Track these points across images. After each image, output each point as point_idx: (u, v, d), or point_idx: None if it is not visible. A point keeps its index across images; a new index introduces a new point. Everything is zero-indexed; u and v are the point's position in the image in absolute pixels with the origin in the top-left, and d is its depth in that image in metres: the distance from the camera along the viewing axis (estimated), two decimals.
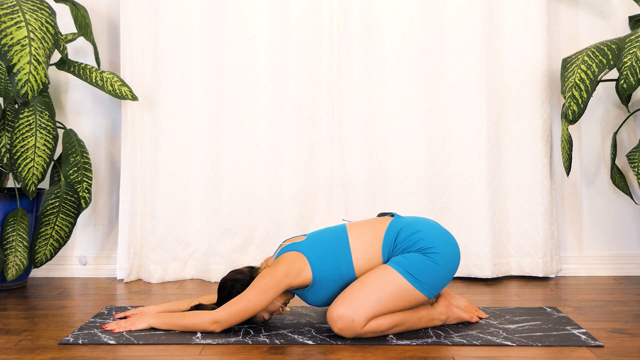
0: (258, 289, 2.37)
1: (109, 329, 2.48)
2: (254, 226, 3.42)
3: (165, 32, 3.40)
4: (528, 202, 3.37)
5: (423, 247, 2.39)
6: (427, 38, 3.36)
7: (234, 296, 2.43)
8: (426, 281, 2.37)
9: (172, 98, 3.42)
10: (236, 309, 2.38)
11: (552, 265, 3.37)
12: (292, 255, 2.43)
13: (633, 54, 2.99)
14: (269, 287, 2.36)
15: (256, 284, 2.38)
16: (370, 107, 3.38)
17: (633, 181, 3.44)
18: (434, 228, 2.47)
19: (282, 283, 2.37)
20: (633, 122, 3.48)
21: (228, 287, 2.47)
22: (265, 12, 3.38)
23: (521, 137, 3.38)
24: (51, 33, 2.88)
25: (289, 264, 2.40)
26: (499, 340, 2.34)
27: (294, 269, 2.39)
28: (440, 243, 2.42)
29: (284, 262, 2.41)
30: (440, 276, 2.40)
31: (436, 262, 2.38)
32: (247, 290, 2.38)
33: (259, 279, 2.39)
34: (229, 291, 2.46)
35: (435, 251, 2.39)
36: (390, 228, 2.47)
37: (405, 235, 2.43)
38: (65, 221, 3.23)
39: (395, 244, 2.43)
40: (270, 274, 2.38)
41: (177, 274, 3.44)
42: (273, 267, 2.41)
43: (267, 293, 2.37)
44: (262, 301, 2.37)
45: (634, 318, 2.65)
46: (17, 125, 3.06)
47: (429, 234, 2.43)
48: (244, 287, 2.43)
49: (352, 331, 2.34)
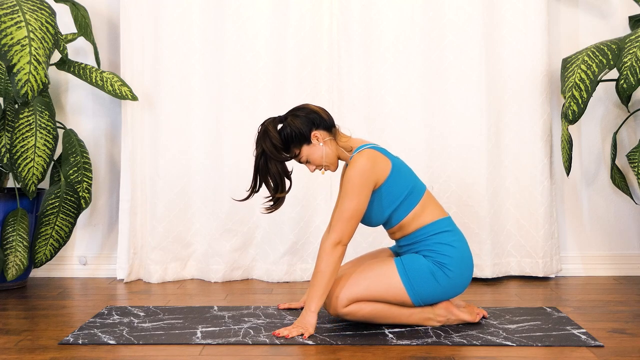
0: (350, 189, 2.42)
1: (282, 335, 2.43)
2: (254, 226, 3.42)
3: (165, 32, 3.40)
4: (528, 202, 3.37)
5: (442, 262, 2.46)
6: (427, 38, 3.36)
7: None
8: (420, 291, 2.44)
9: (172, 98, 3.42)
10: (345, 222, 2.42)
11: (552, 265, 3.37)
12: (372, 151, 2.49)
13: (633, 54, 2.99)
14: (358, 186, 2.41)
15: (347, 191, 2.42)
16: (370, 107, 3.38)
17: (633, 181, 3.44)
18: (465, 252, 2.52)
19: (370, 176, 2.43)
20: (633, 122, 3.48)
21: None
22: (265, 12, 3.38)
23: (521, 137, 3.38)
24: (51, 33, 2.88)
25: (371, 155, 2.46)
26: (499, 340, 2.34)
27: (378, 158, 2.47)
28: (458, 271, 2.47)
29: (364, 155, 2.45)
30: (436, 294, 2.47)
31: (439, 281, 2.45)
32: (340, 195, 2.48)
33: (348, 183, 2.42)
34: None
35: (449, 275, 2.46)
36: (444, 220, 2.53)
37: (443, 240, 2.48)
38: (65, 221, 3.23)
39: (434, 236, 2.49)
40: (357, 174, 2.42)
41: (177, 274, 3.44)
42: (354, 165, 2.44)
43: (361, 192, 2.41)
44: (362, 203, 2.42)
45: (634, 318, 2.65)
46: (17, 125, 3.06)
47: (458, 254, 2.48)
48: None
49: (334, 308, 2.45)
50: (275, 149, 2.46)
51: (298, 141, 2.49)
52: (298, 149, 2.51)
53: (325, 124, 2.52)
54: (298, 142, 2.49)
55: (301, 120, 2.50)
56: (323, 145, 2.52)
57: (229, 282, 3.38)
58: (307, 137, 2.50)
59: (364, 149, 2.48)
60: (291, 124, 2.49)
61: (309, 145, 2.51)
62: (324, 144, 2.52)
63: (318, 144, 2.51)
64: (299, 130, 2.48)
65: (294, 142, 2.49)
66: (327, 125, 2.53)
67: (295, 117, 2.50)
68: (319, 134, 2.51)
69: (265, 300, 2.99)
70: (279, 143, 2.47)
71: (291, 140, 2.49)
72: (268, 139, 2.47)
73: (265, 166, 2.47)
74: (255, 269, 3.45)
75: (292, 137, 2.48)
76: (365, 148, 2.48)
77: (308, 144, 2.51)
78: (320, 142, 2.51)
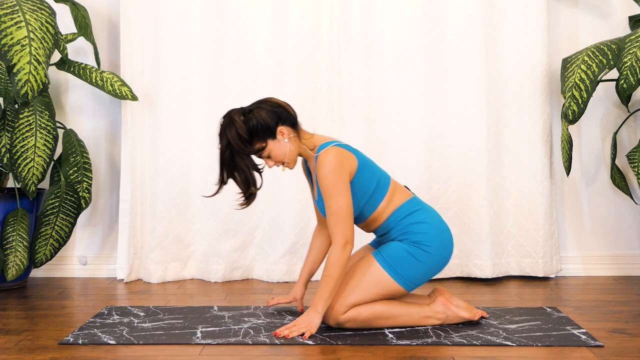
0: (332, 190, 2.38)
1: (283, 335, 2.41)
2: (254, 226, 3.42)
3: (165, 32, 3.40)
4: (528, 202, 3.37)
5: (418, 241, 2.46)
6: (427, 38, 3.36)
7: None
8: (406, 275, 2.45)
9: (172, 98, 3.42)
10: (342, 222, 2.39)
11: (552, 265, 3.37)
12: (337, 148, 2.45)
13: (633, 54, 2.99)
14: (337, 183, 2.38)
15: (329, 190, 2.38)
16: (370, 107, 3.38)
17: (633, 181, 3.43)
18: (439, 225, 2.52)
19: (344, 171, 2.40)
20: (633, 122, 3.48)
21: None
22: (265, 12, 3.38)
23: (521, 137, 3.38)
24: (51, 33, 2.88)
25: (337, 152, 2.42)
26: (499, 340, 2.34)
27: (344, 155, 2.43)
28: (437, 244, 2.48)
29: (331, 153, 2.41)
30: (422, 272, 2.47)
31: (421, 259, 2.45)
32: (326, 197, 2.40)
33: (327, 183, 2.39)
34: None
35: (428, 251, 2.46)
36: (411, 201, 2.53)
37: (414, 220, 2.48)
38: (65, 221, 3.23)
39: (405, 219, 2.49)
40: (331, 171, 2.38)
41: (177, 274, 3.44)
42: (324, 164, 2.40)
43: (342, 188, 2.38)
44: (349, 197, 2.40)
45: (634, 318, 2.65)
46: (17, 125, 3.06)
47: (432, 229, 2.48)
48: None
49: (334, 319, 2.43)
50: (240, 140, 2.38)
51: (263, 134, 2.41)
52: (263, 142, 2.43)
53: (290, 120, 2.46)
54: (263, 135, 2.41)
55: (267, 113, 2.43)
56: (288, 142, 2.45)
57: (229, 282, 3.38)
58: (273, 131, 2.42)
59: (328, 146, 2.44)
60: (257, 116, 2.41)
61: (273, 140, 2.44)
62: (289, 140, 2.45)
63: (283, 140, 2.45)
64: (266, 123, 2.41)
65: (259, 135, 2.41)
66: (293, 122, 2.47)
67: (261, 109, 2.43)
68: (285, 130, 2.44)
69: (265, 300, 2.99)
70: (245, 134, 2.38)
71: (256, 133, 2.40)
72: (234, 129, 2.38)
73: (232, 160, 2.40)
74: (255, 269, 3.45)
75: (258, 129, 2.40)
76: (330, 146, 2.44)
77: (273, 138, 2.44)
78: (286, 139, 2.45)
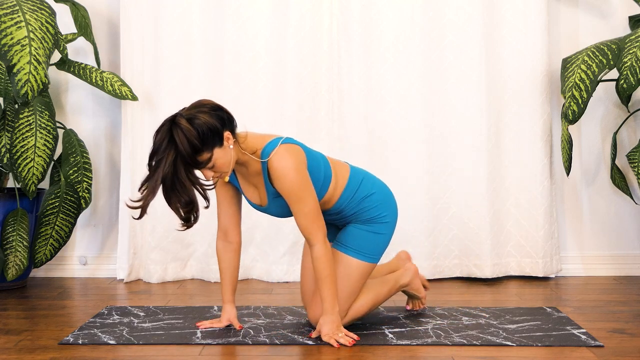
0: (301, 193, 2.26)
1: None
2: (254, 226, 3.42)
3: (165, 32, 3.40)
4: (528, 202, 3.37)
5: (373, 217, 2.47)
6: (427, 38, 3.36)
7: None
8: (376, 251, 2.48)
9: (172, 98, 3.41)
10: (317, 219, 2.29)
11: (552, 265, 3.37)
12: (285, 146, 2.29)
13: (633, 54, 2.99)
14: (304, 184, 2.27)
15: (299, 196, 2.26)
16: (370, 107, 3.38)
17: (633, 181, 3.44)
18: (384, 189, 2.54)
19: (303, 168, 2.29)
20: (633, 122, 3.48)
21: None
22: (265, 12, 3.38)
23: (521, 137, 3.38)
24: (51, 33, 2.88)
25: (289, 153, 2.28)
26: (499, 340, 2.34)
27: (294, 150, 2.30)
28: (390, 210, 2.51)
29: (284, 155, 2.26)
30: (386, 240, 2.52)
31: (382, 231, 2.49)
32: (295, 202, 2.27)
33: (291, 188, 2.25)
34: None
35: (385, 220, 2.49)
36: (353, 175, 2.48)
37: (363, 194, 2.46)
38: (65, 221, 3.23)
39: (354, 195, 2.45)
40: (293, 175, 2.24)
41: (177, 274, 3.44)
42: (282, 169, 2.24)
43: (309, 188, 2.28)
44: (314, 194, 2.29)
45: (634, 318, 2.65)
46: (17, 125, 3.06)
47: (381, 197, 2.50)
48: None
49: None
50: (192, 150, 2.10)
51: (212, 141, 2.14)
52: (210, 152, 2.15)
53: (232, 124, 2.22)
54: (211, 142, 2.14)
55: (211, 116, 2.15)
56: (232, 148, 2.22)
57: None
58: (221, 137, 2.16)
59: (275, 148, 2.25)
60: (205, 120, 2.13)
61: (220, 148, 2.17)
62: (233, 146, 2.22)
63: (228, 146, 2.20)
64: (215, 127, 2.14)
65: (208, 143, 2.13)
66: (233, 126, 2.24)
67: (203, 113, 2.15)
68: (229, 135, 2.20)
69: (265, 300, 3.00)
70: (197, 141, 2.10)
71: (206, 140, 2.12)
72: (183, 137, 2.08)
73: (176, 177, 2.10)
74: (255, 269, 3.45)
75: (208, 135, 2.12)
76: (278, 147, 2.26)
77: (220, 145, 2.17)
78: (230, 145, 2.21)
